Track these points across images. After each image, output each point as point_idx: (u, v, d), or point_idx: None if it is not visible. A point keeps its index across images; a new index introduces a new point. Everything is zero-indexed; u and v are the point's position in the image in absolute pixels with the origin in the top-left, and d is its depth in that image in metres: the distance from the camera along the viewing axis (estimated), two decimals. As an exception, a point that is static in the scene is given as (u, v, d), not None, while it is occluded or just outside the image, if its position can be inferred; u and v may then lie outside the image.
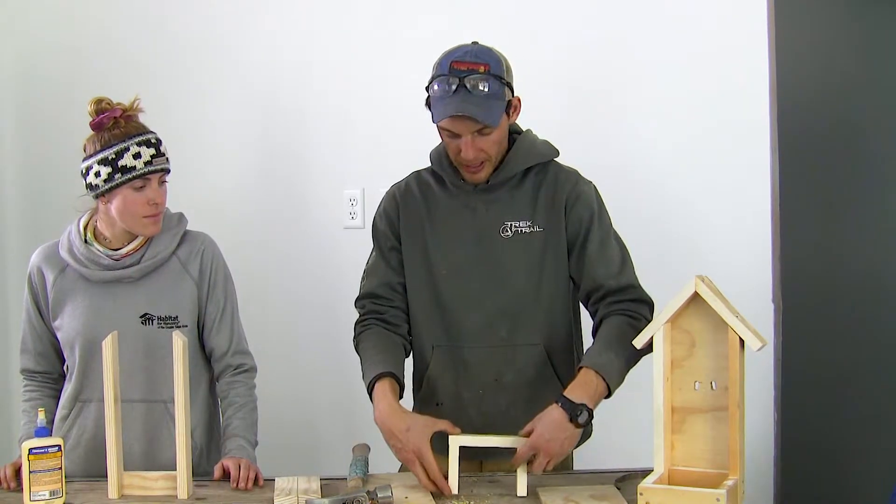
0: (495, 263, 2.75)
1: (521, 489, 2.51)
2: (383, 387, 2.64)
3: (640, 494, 2.29)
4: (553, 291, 2.77)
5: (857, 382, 4.36)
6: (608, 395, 2.58)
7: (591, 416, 2.51)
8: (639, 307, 2.70)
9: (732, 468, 2.31)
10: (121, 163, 2.72)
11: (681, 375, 2.39)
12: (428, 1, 3.84)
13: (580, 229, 2.74)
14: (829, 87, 4.32)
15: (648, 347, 2.45)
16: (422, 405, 2.85)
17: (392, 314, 2.86)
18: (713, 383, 2.36)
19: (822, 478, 4.37)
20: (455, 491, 2.51)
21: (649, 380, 2.38)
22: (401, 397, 2.68)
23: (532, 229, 2.75)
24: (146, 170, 2.73)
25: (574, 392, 2.52)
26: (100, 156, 2.74)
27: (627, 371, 2.62)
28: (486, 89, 2.59)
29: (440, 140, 2.80)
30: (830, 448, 4.39)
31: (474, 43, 2.69)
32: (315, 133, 3.94)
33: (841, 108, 4.30)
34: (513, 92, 2.70)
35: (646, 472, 2.40)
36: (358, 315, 2.91)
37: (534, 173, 2.79)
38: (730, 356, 2.30)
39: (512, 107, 2.70)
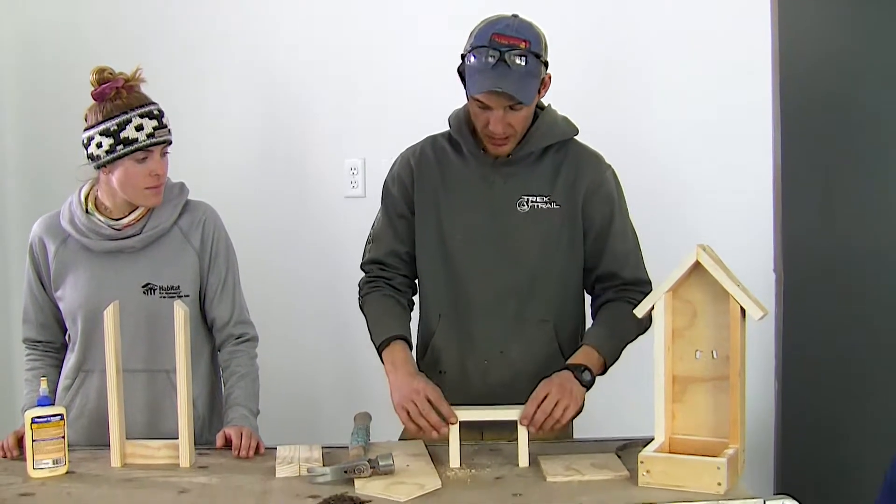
0: (509, 237, 2.75)
1: (523, 459, 2.51)
2: (401, 347, 2.70)
3: (641, 463, 2.30)
4: (566, 269, 2.78)
5: (858, 352, 4.37)
6: (602, 372, 2.68)
7: (592, 378, 2.61)
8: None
9: (733, 437, 2.32)
10: (123, 134, 2.70)
11: (682, 345, 2.39)
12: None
13: (601, 218, 2.76)
14: (831, 62, 4.31)
15: (644, 329, 2.60)
16: (424, 373, 2.83)
17: (398, 281, 2.87)
18: (714, 352, 2.36)
19: (821, 446, 4.38)
20: (456, 465, 2.51)
21: (650, 349, 2.38)
22: None
23: (549, 205, 2.74)
24: (148, 142, 2.72)
25: (575, 360, 2.62)
26: (101, 127, 2.72)
27: (622, 350, 2.72)
28: (524, 65, 2.56)
29: (453, 108, 2.82)
30: (830, 417, 4.40)
31: (514, 16, 2.65)
32: (316, 102, 3.93)
33: (843, 81, 4.30)
34: (546, 68, 2.67)
35: (646, 441, 2.39)
36: (364, 276, 2.92)
37: (554, 150, 2.78)
38: (731, 326, 2.30)
39: (543, 84, 2.68)
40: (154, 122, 2.72)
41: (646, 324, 2.64)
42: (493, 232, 2.75)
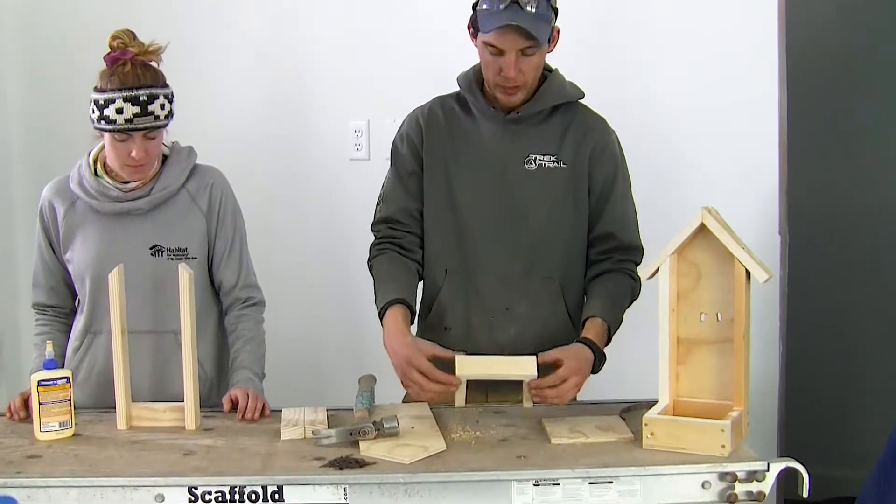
0: (517, 194, 2.74)
1: (528, 401, 2.52)
2: (395, 313, 2.65)
3: (646, 425, 2.28)
4: (572, 227, 2.78)
5: (863, 315, 4.35)
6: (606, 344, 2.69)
7: (603, 365, 2.64)
8: (636, 270, 2.77)
9: (737, 400, 2.30)
10: (105, 112, 2.67)
11: (686, 307, 2.36)
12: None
13: (604, 179, 2.76)
14: (838, 21, 4.26)
15: (635, 297, 2.73)
16: (429, 330, 2.83)
17: (408, 240, 2.84)
18: (719, 315, 2.33)
19: (826, 409, 4.38)
20: (462, 403, 2.50)
21: (655, 311, 2.35)
22: (412, 323, 2.71)
23: (556, 164, 2.74)
24: (125, 127, 2.67)
25: (596, 340, 2.62)
26: (94, 96, 2.70)
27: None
28: (535, 10, 2.56)
29: (457, 68, 2.80)
30: (835, 380, 4.39)
31: None
32: (320, 64, 3.88)
33: (849, 40, 4.25)
34: (556, 17, 2.66)
35: (651, 404, 2.38)
36: (374, 238, 2.89)
37: (561, 111, 2.78)
38: (736, 288, 2.27)
39: (552, 37, 2.67)
40: (136, 109, 2.67)
41: (637, 293, 2.75)
42: (501, 189, 2.75)
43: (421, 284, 2.87)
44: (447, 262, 2.80)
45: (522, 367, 2.51)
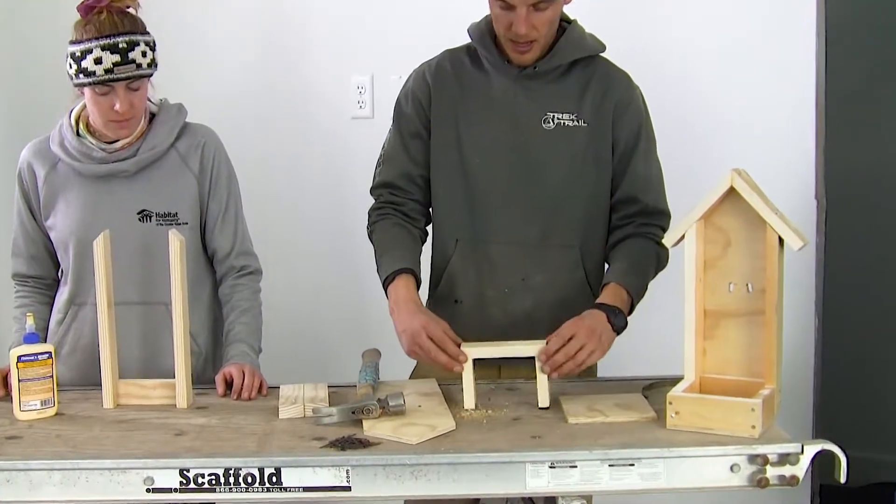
0: (534, 155, 2.72)
1: (543, 400, 2.48)
2: (405, 281, 2.64)
3: (670, 404, 2.28)
4: (593, 191, 2.76)
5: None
6: (629, 313, 2.64)
7: (625, 323, 2.57)
8: (662, 235, 2.72)
9: (768, 376, 2.29)
10: (83, 64, 2.66)
11: (714, 276, 2.35)
12: None
13: (628, 138, 2.74)
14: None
15: (661, 268, 2.69)
16: (438, 303, 2.81)
17: (410, 207, 2.83)
18: (749, 285, 2.32)
19: (865, 387, 4.37)
20: (471, 406, 2.48)
21: (680, 281, 2.34)
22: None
23: (576, 123, 2.72)
24: (105, 77, 2.66)
25: (606, 300, 2.58)
26: (71, 49, 2.70)
27: (645, 291, 2.69)
28: None
29: (468, 19, 2.78)
30: (875, 356, 4.38)
31: None
32: (321, 14, 3.86)
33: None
34: None
35: (675, 380, 2.37)
36: (374, 202, 2.87)
37: (581, 66, 2.76)
38: (767, 256, 2.26)
39: None
40: (115, 58, 2.66)
41: (664, 262, 2.72)
42: (516, 150, 2.73)
43: (429, 255, 2.86)
44: (457, 229, 2.79)
45: (530, 351, 2.49)
